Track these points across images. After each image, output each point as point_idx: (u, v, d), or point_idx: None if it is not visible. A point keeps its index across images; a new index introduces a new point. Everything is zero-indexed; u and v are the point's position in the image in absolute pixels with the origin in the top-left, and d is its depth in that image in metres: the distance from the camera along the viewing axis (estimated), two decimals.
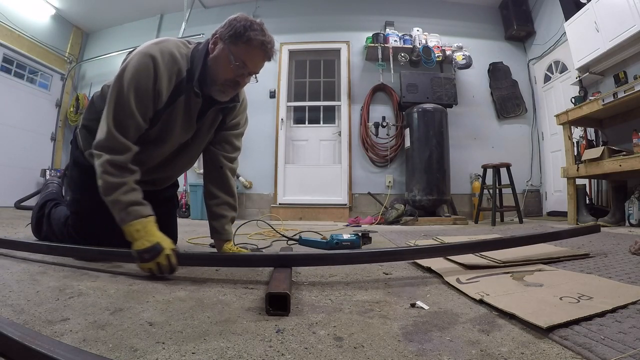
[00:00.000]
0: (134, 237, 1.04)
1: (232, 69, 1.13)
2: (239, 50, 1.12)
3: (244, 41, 1.11)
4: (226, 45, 1.13)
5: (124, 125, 1.11)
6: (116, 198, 1.06)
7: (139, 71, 1.10)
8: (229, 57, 1.12)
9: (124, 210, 1.06)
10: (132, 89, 1.09)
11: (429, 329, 0.67)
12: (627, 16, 2.94)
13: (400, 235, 2.42)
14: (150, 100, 1.13)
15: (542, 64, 4.54)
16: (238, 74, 1.15)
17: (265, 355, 0.56)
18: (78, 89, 5.67)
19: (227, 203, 1.41)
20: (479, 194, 3.85)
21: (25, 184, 4.72)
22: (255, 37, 1.11)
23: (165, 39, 1.19)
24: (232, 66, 1.13)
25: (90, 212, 1.29)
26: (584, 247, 1.54)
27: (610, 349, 0.54)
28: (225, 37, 1.13)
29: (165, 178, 1.46)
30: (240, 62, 1.13)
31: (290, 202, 4.52)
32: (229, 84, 1.17)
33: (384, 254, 1.23)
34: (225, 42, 1.13)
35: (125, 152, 1.11)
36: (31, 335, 0.48)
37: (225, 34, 1.13)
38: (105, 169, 1.07)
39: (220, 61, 1.14)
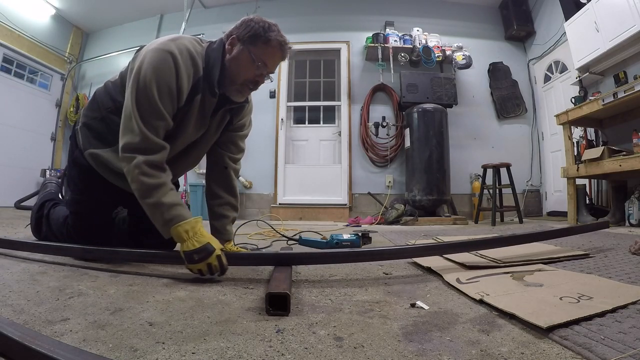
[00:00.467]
0: (183, 238, 1.01)
1: (253, 69, 1.15)
2: (259, 51, 1.13)
3: (264, 42, 1.13)
4: (245, 46, 1.13)
5: (154, 125, 1.08)
6: (158, 200, 1.04)
7: (159, 68, 1.06)
8: (250, 58, 1.13)
9: (167, 211, 1.03)
10: (154, 86, 1.06)
11: (429, 329, 0.67)
12: (627, 16, 2.94)
13: (400, 235, 2.42)
14: (174, 97, 1.10)
15: (542, 64, 4.54)
16: (258, 74, 1.16)
17: (265, 355, 0.56)
18: (78, 89, 5.67)
19: (230, 203, 1.41)
20: (479, 194, 3.85)
21: (25, 184, 4.71)
22: (275, 37, 1.14)
23: (179, 35, 1.16)
24: (254, 66, 1.14)
25: (89, 212, 1.29)
26: (584, 247, 1.54)
27: (610, 349, 0.54)
28: (244, 38, 1.13)
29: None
30: (261, 63, 1.14)
31: (290, 202, 4.52)
32: (247, 84, 1.18)
33: (384, 252, 1.23)
34: (245, 42, 1.13)
35: (161, 151, 1.09)
36: (31, 335, 0.48)
37: (243, 35, 1.14)
38: (142, 170, 1.04)
39: (240, 62, 1.14)
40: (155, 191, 1.04)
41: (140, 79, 1.06)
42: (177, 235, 1.02)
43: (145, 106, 1.06)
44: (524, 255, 1.25)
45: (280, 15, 4.91)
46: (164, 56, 1.07)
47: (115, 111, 1.19)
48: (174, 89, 1.09)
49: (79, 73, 5.71)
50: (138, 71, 1.07)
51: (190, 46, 1.13)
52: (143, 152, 1.06)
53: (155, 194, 1.04)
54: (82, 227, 1.31)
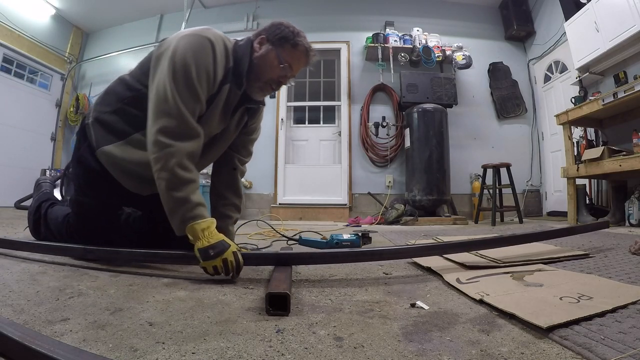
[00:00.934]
0: (199, 236, 1.00)
1: (278, 70, 1.18)
2: (286, 53, 1.17)
3: (292, 45, 1.17)
4: (274, 47, 1.17)
5: (192, 108, 1.06)
6: (187, 196, 1.02)
7: (197, 51, 1.06)
8: (278, 58, 1.16)
9: (191, 210, 1.02)
10: (193, 67, 1.05)
11: (429, 329, 0.67)
12: (627, 16, 2.94)
13: (400, 235, 2.42)
14: (210, 82, 1.10)
15: (542, 64, 4.54)
16: (282, 75, 1.19)
17: (265, 355, 0.56)
18: (78, 89, 5.67)
19: (234, 204, 1.41)
20: (479, 194, 3.85)
21: (25, 184, 4.70)
22: (302, 43, 1.18)
23: (209, 27, 1.17)
24: (279, 67, 1.17)
25: (92, 213, 1.27)
26: (584, 247, 1.54)
27: (610, 349, 0.54)
28: (274, 39, 1.17)
29: None
30: (287, 65, 1.18)
31: (290, 202, 4.52)
32: (270, 84, 1.21)
33: (384, 252, 1.23)
34: (274, 44, 1.17)
35: (197, 138, 1.08)
36: (31, 335, 0.48)
37: (273, 36, 1.17)
38: (180, 162, 1.02)
39: (267, 61, 1.17)
40: (186, 186, 1.03)
41: (177, 60, 1.05)
42: (193, 232, 1.01)
43: (183, 87, 1.05)
44: (524, 255, 1.25)
45: (280, 15, 4.90)
46: (201, 41, 1.08)
47: (133, 101, 1.17)
48: (210, 73, 1.09)
49: (79, 73, 5.72)
50: (173, 54, 1.06)
51: (223, 37, 1.16)
52: (180, 138, 1.04)
53: (185, 189, 1.02)
54: (84, 228, 1.29)
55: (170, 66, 1.05)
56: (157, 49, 1.14)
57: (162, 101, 1.04)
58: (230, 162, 1.41)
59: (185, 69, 1.05)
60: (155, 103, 1.06)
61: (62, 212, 1.45)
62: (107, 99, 1.25)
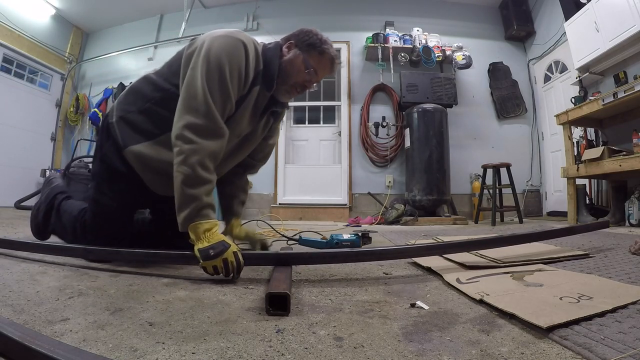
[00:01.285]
0: (200, 236, 1.00)
1: (304, 75, 1.23)
2: (313, 59, 1.23)
3: (319, 52, 1.23)
4: (302, 52, 1.22)
5: (222, 107, 1.09)
6: (199, 194, 1.03)
7: (231, 51, 1.09)
8: (305, 63, 1.22)
9: (200, 209, 1.02)
10: (226, 66, 1.07)
11: (429, 329, 0.67)
12: (627, 16, 2.94)
13: (400, 235, 2.42)
14: (241, 82, 1.13)
15: (542, 64, 4.54)
16: (307, 80, 1.25)
17: (265, 355, 0.56)
18: (78, 89, 5.67)
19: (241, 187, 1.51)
20: (479, 194, 3.85)
21: (25, 184, 4.71)
22: (329, 51, 1.25)
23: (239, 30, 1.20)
24: (306, 72, 1.22)
25: (112, 214, 1.25)
26: (584, 247, 1.54)
27: (610, 349, 0.54)
28: (302, 45, 1.23)
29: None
30: (313, 70, 1.23)
31: (290, 202, 4.52)
32: (296, 87, 1.26)
33: (384, 252, 1.23)
34: (302, 49, 1.22)
35: (222, 139, 1.10)
36: (31, 335, 0.48)
37: (301, 42, 1.23)
38: (203, 160, 1.04)
39: (295, 65, 1.22)
40: (202, 186, 1.04)
41: (212, 59, 1.07)
42: (195, 231, 1.01)
43: (216, 85, 1.07)
44: (524, 255, 1.25)
45: (280, 15, 4.92)
46: (235, 42, 1.10)
47: (162, 102, 1.17)
48: (242, 73, 1.12)
49: (79, 73, 5.72)
50: (207, 52, 1.07)
51: (253, 40, 1.20)
52: (206, 136, 1.05)
53: (200, 187, 1.04)
54: (100, 228, 1.26)
55: (204, 64, 1.07)
56: (188, 47, 1.16)
57: (192, 97, 1.06)
58: (245, 165, 1.48)
59: (219, 68, 1.07)
60: (184, 98, 1.08)
61: (77, 207, 1.40)
62: (132, 98, 1.24)
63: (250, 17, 5.01)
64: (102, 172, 1.26)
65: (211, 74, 1.06)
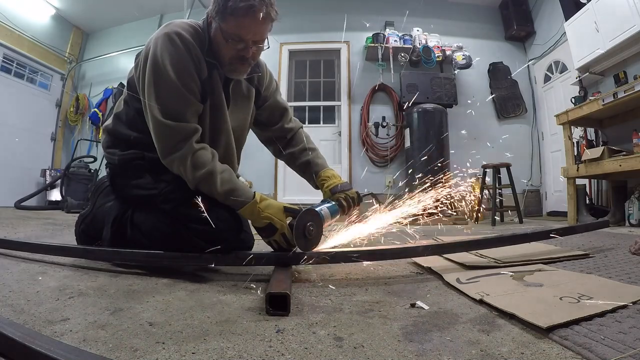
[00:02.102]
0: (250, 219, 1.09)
1: (230, 46, 1.07)
2: (229, 26, 1.04)
3: (230, 13, 1.02)
4: (217, 23, 1.06)
5: (178, 111, 1.04)
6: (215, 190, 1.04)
7: (168, 49, 1.03)
8: (223, 36, 1.06)
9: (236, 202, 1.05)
10: (168, 68, 1.02)
11: (429, 329, 0.67)
12: (627, 16, 2.94)
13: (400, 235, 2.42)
14: (190, 73, 1.06)
15: (542, 64, 4.54)
16: (239, 49, 1.08)
17: (265, 355, 0.56)
18: (78, 89, 5.67)
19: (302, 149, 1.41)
20: (479, 194, 3.85)
21: (25, 184, 4.72)
22: (237, 4, 1.01)
23: (170, 21, 1.12)
24: (230, 44, 1.06)
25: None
26: (584, 247, 1.54)
27: (610, 349, 0.54)
28: (214, 16, 1.06)
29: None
30: (235, 37, 1.05)
31: (290, 202, 4.52)
32: (236, 62, 1.11)
33: (384, 252, 1.22)
34: (215, 20, 1.06)
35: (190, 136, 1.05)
36: (31, 335, 0.48)
37: (214, 12, 1.06)
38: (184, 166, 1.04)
39: (218, 41, 1.08)
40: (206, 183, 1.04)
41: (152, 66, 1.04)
42: (244, 216, 1.09)
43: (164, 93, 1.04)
44: (524, 255, 1.25)
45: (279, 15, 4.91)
46: (168, 38, 1.04)
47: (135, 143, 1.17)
48: (190, 61, 1.06)
49: (79, 73, 5.72)
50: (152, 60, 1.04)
51: (188, 23, 1.11)
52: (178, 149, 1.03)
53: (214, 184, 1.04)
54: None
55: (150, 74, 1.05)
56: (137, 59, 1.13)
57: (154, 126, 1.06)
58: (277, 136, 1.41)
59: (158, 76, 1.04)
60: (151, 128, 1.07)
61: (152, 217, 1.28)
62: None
63: None
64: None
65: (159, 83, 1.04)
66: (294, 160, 1.42)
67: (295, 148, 1.42)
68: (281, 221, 1.06)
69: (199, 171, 1.04)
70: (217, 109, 1.16)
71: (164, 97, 1.04)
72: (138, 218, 1.21)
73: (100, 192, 1.46)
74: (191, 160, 1.04)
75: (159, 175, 1.13)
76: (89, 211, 1.40)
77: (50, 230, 2.32)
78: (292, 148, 1.42)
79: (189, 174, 1.05)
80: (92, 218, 1.35)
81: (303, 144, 1.42)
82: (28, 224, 2.66)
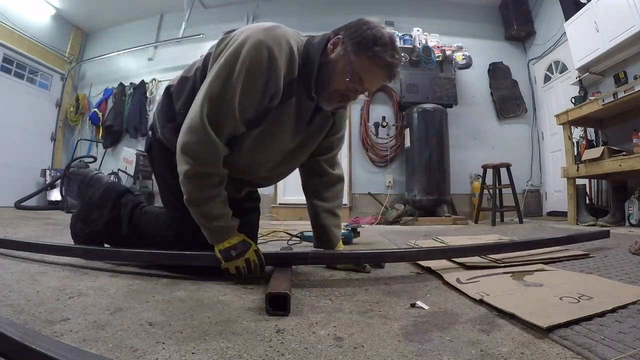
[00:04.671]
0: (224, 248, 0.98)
1: (346, 82, 0.98)
2: (360, 64, 0.96)
3: (369, 56, 0.95)
4: (347, 52, 0.97)
5: (221, 126, 0.95)
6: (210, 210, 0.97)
7: (251, 64, 0.91)
8: (346, 67, 0.96)
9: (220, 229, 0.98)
10: (239, 83, 0.92)
11: (429, 329, 0.67)
12: (627, 16, 2.94)
13: (400, 235, 2.42)
14: (255, 100, 0.96)
15: (542, 64, 4.54)
16: (350, 89, 1.00)
17: (265, 355, 0.56)
18: (78, 89, 5.67)
19: (327, 210, 1.26)
20: (479, 194, 3.85)
21: (25, 184, 4.71)
22: (383, 55, 0.95)
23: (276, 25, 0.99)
24: (347, 78, 0.97)
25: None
26: (584, 247, 1.54)
27: (610, 349, 0.54)
28: (349, 44, 0.96)
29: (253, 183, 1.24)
30: (357, 77, 0.97)
31: (290, 202, 4.51)
32: (336, 96, 1.02)
33: (385, 255, 1.23)
34: (347, 48, 0.96)
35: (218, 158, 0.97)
36: (31, 335, 0.48)
37: (350, 39, 0.97)
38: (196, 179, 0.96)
39: (336, 68, 0.98)
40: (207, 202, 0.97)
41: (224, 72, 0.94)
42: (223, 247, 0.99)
43: (218, 101, 0.93)
44: (524, 255, 1.25)
45: (280, 15, 4.92)
46: (258, 53, 0.92)
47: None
48: (259, 89, 0.95)
49: (79, 73, 5.72)
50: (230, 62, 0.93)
51: (291, 39, 0.99)
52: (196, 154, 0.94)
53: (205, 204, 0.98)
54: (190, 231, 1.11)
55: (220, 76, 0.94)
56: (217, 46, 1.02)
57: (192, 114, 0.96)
58: (316, 168, 1.26)
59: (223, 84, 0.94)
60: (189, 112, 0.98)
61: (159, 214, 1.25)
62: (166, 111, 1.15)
63: (251, 17, 5.01)
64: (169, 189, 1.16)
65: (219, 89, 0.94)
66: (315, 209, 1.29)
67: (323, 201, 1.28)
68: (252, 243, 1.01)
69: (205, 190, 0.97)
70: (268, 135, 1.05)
71: (215, 103, 0.94)
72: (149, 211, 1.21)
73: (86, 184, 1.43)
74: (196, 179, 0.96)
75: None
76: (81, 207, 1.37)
77: (50, 230, 2.32)
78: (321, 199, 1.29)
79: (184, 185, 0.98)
80: (86, 211, 1.31)
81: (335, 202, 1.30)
82: (28, 224, 2.66)
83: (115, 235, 1.24)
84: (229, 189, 1.12)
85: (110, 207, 1.25)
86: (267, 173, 1.19)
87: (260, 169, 1.15)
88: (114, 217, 1.24)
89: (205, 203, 0.98)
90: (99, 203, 1.28)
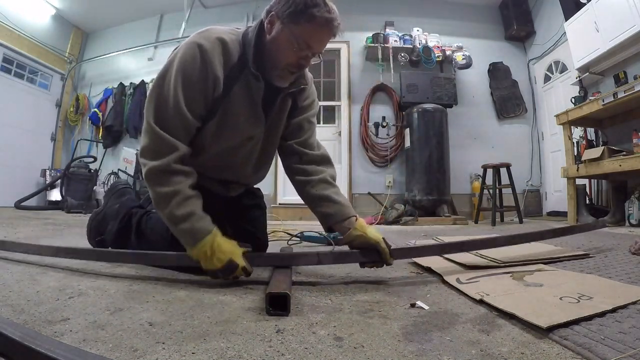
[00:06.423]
0: (202, 258, 0.93)
1: (295, 52, 0.99)
2: (301, 31, 0.97)
3: (307, 19, 0.96)
4: (285, 25, 0.98)
5: (170, 124, 0.97)
6: (171, 212, 0.94)
7: (185, 61, 0.97)
8: (290, 39, 0.97)
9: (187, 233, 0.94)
10: (179, 81, 0.96)
11: (429, 329, 0.67)
12: (627, 16, 2.94)
13: (400, 235, 2.42)
14: (198, 94, 0.99)
15: (542, 64, 4.54)
16: (302, 57, 1.01)
17: (265, 355, 0.56)
18: (78, 89, 5.67)
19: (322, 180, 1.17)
20: (479, 194, 3.85)
21: (25, 184, 4.72)
22: (320, 14, 0.95)
23: (210, 27, 1.04)
24: (295, 49, 0.98)
25: None
26: (584, 247, 1.54)
27: (610, 349, 0.54)
28: (284, 16, 0.97)
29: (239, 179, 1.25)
30: (304, 44, 0.98)
31: (290, 202, 4.52)
32: (290, 69, 1.03)
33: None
34: (284, 21, 0.98)
35: (172, 153, 0.96)
36: (31, 335, 0.48)
37: (283, 12, 0.97)
38: (152, 177, 0.95)
39: (280, 43, 0.99)
40: (168, 201, 0.94)
41: (164, 76, 0.99)
42: (197, 256, 0.94)
43: (161, 103, 0.97)
44: (524, 255, 1.25)
45: None
46: (190, 50, 0.97)
47: None
48: (200, 81, 0.98)
49: (79, 73, 5.72)
50: (166, 68, 1.00)
51: (222, 34, 1.02)
52: (153, 156, 0.95)
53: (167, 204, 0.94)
54: None
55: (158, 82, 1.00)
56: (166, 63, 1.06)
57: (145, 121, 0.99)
58: (292, 151, 1.22)
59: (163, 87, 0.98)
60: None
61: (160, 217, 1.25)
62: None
63: (251, 17, 5.01)
64: None
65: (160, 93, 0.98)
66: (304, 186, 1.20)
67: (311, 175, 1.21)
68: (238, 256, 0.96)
69: (162, 187, 0.95)
70: (225, 124, 1.07)
71: (160, 105, 0.98)
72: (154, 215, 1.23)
73: (113, 193, 1.54)
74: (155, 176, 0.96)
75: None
76: (102, 209, 1.49)
77: (50, 230, 2.32)
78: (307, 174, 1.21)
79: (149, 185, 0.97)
80: (103, 216, 1.44)
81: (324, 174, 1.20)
82: (28, 224, 2.66)
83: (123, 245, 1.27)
84: (218, 189, 1.16)
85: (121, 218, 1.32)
86: (245, 166, 1.19)
87: (233, 161, 1.16)
88: (124, 227, 1.29)
89: (166, 203, 0.94)
90: (115, 215, 1.37)
